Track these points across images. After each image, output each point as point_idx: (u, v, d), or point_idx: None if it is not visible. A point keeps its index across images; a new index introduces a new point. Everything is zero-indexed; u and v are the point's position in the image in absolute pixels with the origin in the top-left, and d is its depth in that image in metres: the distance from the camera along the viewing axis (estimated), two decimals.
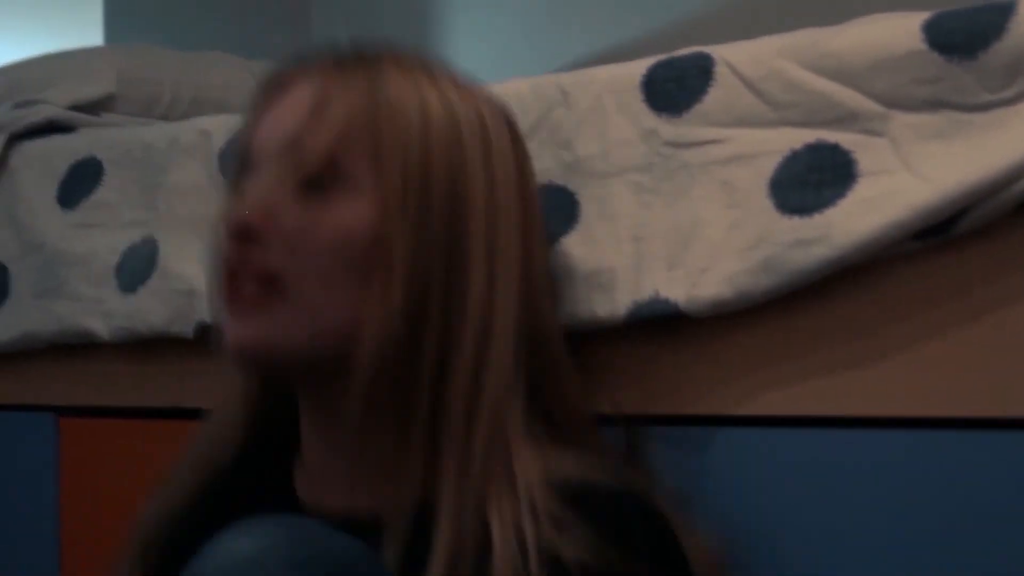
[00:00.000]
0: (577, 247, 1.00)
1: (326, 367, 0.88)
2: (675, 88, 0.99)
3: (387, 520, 0.85)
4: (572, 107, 1.04)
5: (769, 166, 0.94)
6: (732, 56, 0.97)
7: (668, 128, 0.99)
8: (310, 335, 0.87)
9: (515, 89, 1.06)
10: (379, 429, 0.87)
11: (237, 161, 0.93)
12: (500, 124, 0.93)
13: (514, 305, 0.88)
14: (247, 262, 0.87)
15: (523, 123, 1.00)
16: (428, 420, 0.86)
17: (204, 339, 1.24)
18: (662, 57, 1.01)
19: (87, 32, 2.41)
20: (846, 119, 0.91)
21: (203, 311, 1.22)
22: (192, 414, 1.26)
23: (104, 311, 1.31)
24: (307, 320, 0.86)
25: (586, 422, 0.94)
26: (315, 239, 0.86)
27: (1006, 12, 0.87)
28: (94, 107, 1.59)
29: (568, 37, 2.32)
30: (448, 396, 0.86)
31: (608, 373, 0.99)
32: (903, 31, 0.90)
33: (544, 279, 0.94)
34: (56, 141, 1.46)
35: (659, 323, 0.97)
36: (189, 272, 1.24)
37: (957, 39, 0.87)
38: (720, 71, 0.97)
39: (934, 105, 0.88)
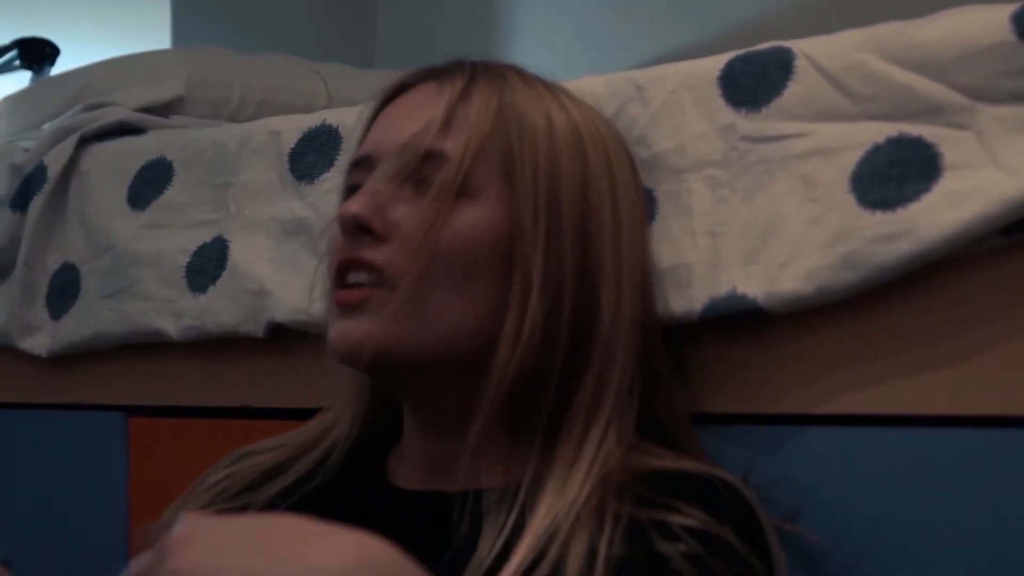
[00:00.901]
0: (654, 243, 0.99)
1: (437, 368, 0.87)
2: (754, 82, 0.97)
3: (486, 501, 0.84)
4: (647, 103, 1.02)
5: (850, 160, 0.92)
6: (812, 49, 0.96)
7: (746, 123, 0.97)
8: (419, 334, 0.86)
9: (589, 85, 1.05)
10: (495, 426, 0.87)
11: (353, 162, 0.93)
12: (614, 134, 0.95)
13: (639, 310, 0.90)
14: (357, 257, 0.87)
15: None
16: (550, 419, 0.86)
17: (274, 338, 1.24)
18: (740, 52, 1.00)
19: (154, 35, 2.43)
20: (930, 112, 0.89)
21: (273, 310, 1.22)
22: (261, 414, 1.27)
23: (174, 311, 1.31)
24: (416, 319, 0.86)
25: (682, 418, 0.94)
26: (437, 241, 0.85)
27: None
28: (163, 109, 1.60)
29: (630, 40, 2.32)
30: (574, 398, 0.87)
31: (685, 372, 0.98)
32: (991, 23, 0.88)
33: (651, 282, 0.95)
34: (126, 143, 1.47)
35: (738, 321, 0.95)
36: (259, 271, 1.24)
37: None
38: (800, 64, 0.95)
39: (1023, 97, 0.86)
